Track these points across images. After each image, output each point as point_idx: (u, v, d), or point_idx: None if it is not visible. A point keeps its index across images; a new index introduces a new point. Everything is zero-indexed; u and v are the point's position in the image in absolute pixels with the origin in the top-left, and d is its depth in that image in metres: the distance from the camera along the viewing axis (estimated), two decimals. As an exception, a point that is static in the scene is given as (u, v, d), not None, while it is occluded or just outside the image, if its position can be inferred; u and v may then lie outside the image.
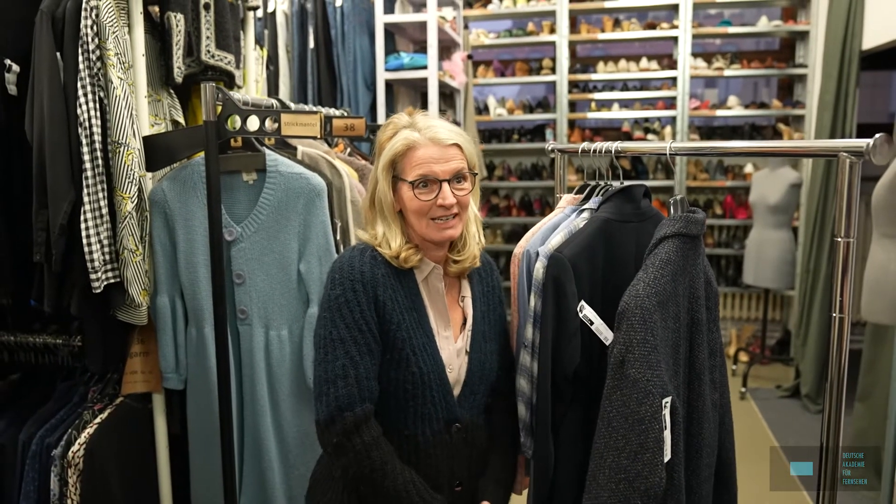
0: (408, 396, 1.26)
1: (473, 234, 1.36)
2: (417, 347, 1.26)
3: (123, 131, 1.50)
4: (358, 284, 1.23)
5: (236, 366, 1.72)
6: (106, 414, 1.67)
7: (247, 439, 1.74)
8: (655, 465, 1.07)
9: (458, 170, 1.26)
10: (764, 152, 1.04)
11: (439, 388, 1.28)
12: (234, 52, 1.95)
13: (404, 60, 3.39)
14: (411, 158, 1.25)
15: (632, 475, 1.07)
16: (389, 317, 1.25)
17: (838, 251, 0.87)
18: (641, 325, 1.10)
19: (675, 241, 1.16)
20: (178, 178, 1.66)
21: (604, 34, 4.98)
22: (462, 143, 1.27)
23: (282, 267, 1.70)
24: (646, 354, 1.09)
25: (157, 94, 1.81)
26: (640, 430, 1.07)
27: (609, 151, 1.42)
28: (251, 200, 1.70)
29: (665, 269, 1.13)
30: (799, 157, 0.95)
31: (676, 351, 1.19)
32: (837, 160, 0.88)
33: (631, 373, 1.09)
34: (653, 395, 1.08)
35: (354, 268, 1.25)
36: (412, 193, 1.25)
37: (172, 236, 1.67)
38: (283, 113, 1.59)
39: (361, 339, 1.22)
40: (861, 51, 3.60)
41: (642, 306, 1.10)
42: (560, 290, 1.26)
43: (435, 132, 1.25)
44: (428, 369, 1.26)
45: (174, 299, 1.70)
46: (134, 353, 1.71)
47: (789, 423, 3.68)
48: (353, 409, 1.20)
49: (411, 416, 1.27)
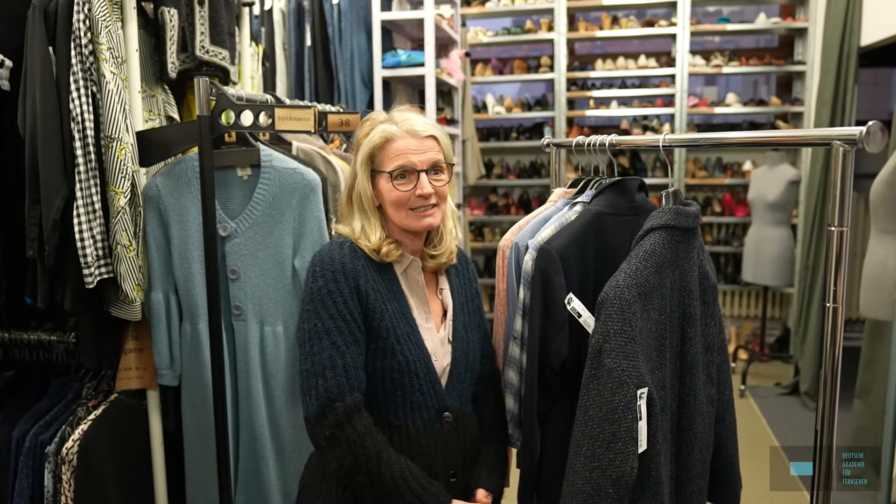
0: (395, 386, 1.26)
1: (450, 230, 1.39)
2: (402, 336, 1.27)
3: (116, 126, 1.49)
4: (339, 275, 1.24)
5: (231, 362, 1.71)
6: (100, 410, 1.66)
7: (242, 435, 1.74)
8: (627, 455, 1.08)
9: (435, 160, 1.28)
10: (758, 142, 1.03)
11: (426, 376, 1.28)
12: (228, 48, 1.94)
13: (401, 58, 3.38)
14: (389, 150, 1.27)
15: (604, 463, 1.09)
16: (373, 306, 1.25)
17: (832, 241, 0.86)
18: (619, 315, 1.11)
19: (662, 233, 1.16)
20: (173, 174, 1.65)
21: (602, 32, 4.98)
22: (438, 135, 1.30)
23: (276, 262, 1.69)
24: (622, 345, 1.10)
25: (152, 89, 1.80)
26: (613, 420, 1.09)
27: (603, 145, 1.42)
28: (246, 196, 1.69)
29: (648, 261, 1.13)
30: (793, 146, 0.95)
31: (661, 343, 1.19)
32: (831, 149, 0.87)
33: (606, 362, 1.10)
34: (627, 386, 1.09)
35: (335, 259, 1.26)
36: (391, 185, 1.27)
37: (166, 232, 1.66)
38: (276, 108, 1.59)
39: (346, 328, 1.23)
40: (860, 47, 3.60)
41: (621, 297, 1.11)
42: (548, 282, 1.26)
43: (412, 125, 1.28)
44: (414, 357, 1.27)
45: (168, 295, 1.69)
46: (128, 350, 1.71)
47: (788, 421, 3.67)
48: (343, 400, 1.20)
49: (401, 405, 1.27)
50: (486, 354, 1.44)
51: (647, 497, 1.11)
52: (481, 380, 1.42)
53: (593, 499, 1.08)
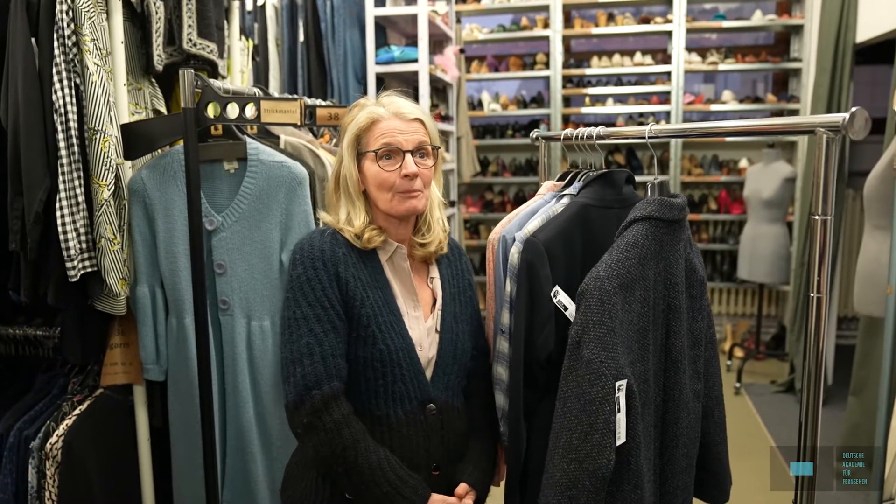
0: (377, 375, 1.25)
1: (438, 219, 1.38)
2: (384, 325, 1.25)
3: (100, 118, 1.48)
4: (318, 262, 1.24)
5: (218, 357, 1.70)
6: (85, 405, 1.65)
7: (229, 431, 1.72)
8: (604, 447, 1.07)
9: (420, 142, 1.28)
10: (743, 132, 1.02)
11: (409, 366, 1.27)
12: (216, 42, 1.92)
13: (395, 54, 3.36)
14: (375, 131, 1.27)
15: (581, 455, 1.07)
16: (353, 293, 1.25)
17: (816, 230, 0.85)
18: (599, 306, 1.09)
19: (646, 225, 1.14)
20: (158, 167, 1.64)
21: (598, 29, 4.96)
22: (425, 119, 1.30)
23: (263, 257, 1.68)
24: (601, 336, 1.09)
25: (138, 82, 1.79)
26: (590, 412, 1.07)
27: (591, 136, 1.40)
28: (232, 189, 1.68)
29: (630, 252, 1.12)
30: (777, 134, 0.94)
31: (644, 336, 1.17)
32: (816, 136, 0.86)
33: (585, 354, 1.09)
34: (605, 377, 1.08)
35: (315, 247, 1.26)
36: (377, 166, 1.26)
37: (152, 225, 1.65)
38: (262, 100, 1.57)
39: (325, 315, 1.22)
40: (855, 44, 3.59)
41: (601, 288, 1.10)
42: (533, 274, 1.25)
43: (398, 107, 1.28)
44: (396, 346, 1.25)
45: (154, 289, 1.67)
46: (114, 344, 1.69)
47: (784, 419, 3.66)
48: (320, 387, 1.19)
49: (382, 395, 1.26)
50: (479, 348, 1.42)
51: (627, 490, 1.10)
52: (473, 375, 1.40)
53: (571, 491, 1.07)
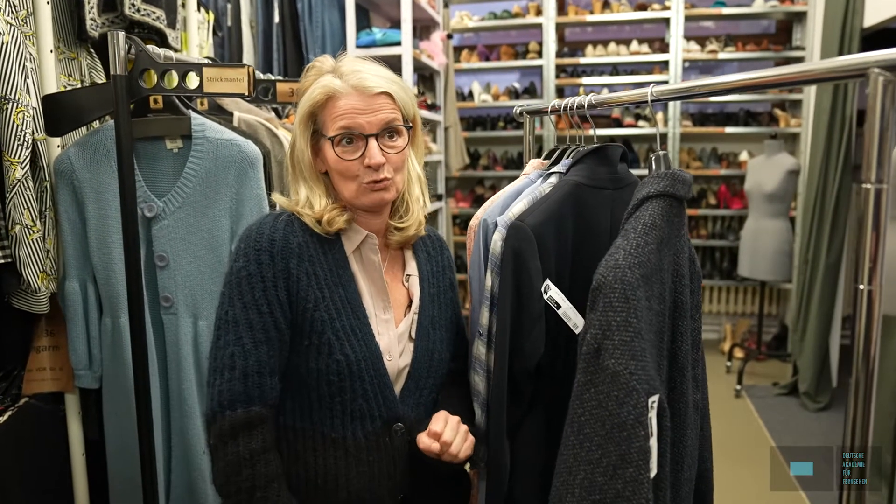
0: (333, 391, 1.04)
1: (417, 198, 1.16)
2: (342, 330, 1.04)
3: (12, 85, 1.27)
4: (265, 255, 1.03)
5: (160, 361, 1.50)
6: (6, 417, 1.44)
7: (174, 443, 1.53)
8: (641, 484, 0.81)
9: (387, 121, 1.05)
10: (763, 83, 0.82)
11: (373, 379, 1.06)
12: (164, 8, 1.72)
13: (376, 36, 3.17)
14: (332, 110, 1.05)
15: (609, 496, 0.82)
16: (304, 294, 1.04)
17: (866, 202, 0.66)
18: (623, 303, 0.84)
19: (661, 203, 0.92)
20: (89, 145, 1.44)
21: (593, 16, 4.77)
22: (394, 90, 1.06)
23: (211, 248, 1.48)
24: (628, 341, 0.84)
25: (72, 51, 1.59)
26: (620, 439, 0.82)
27: (582, 106, 1.21)
28: (176, 171, 1.48)
29: (649, 236, 0.89)
30: (808, 83, 0.83)
31: (661, 339, 0.96)
32: (868, 80, 0.67)
33: (609, 364, 0.83)
34: (637, 393, 0.82)
35: (263, 235, 1.05)
36: (334, 152, 1.05)
37: (82, 212, 1.44)
38: (205, 67, 1.37)
39: (259, 322, 1.01)
40: (862, 28, 3.40)
41: (623, 279, 0.85)
42: (521, 265, 1.05)
43: (360, 78, 1.04)
44: (357, 357, 1.04)
45: (86, 285, 1.47)
46: (41, 348, 1.49)
47: (787, 422, 3.49)
48: (234, 409, 0.99)
49: (339, 414, 1.05)
50: (458, 357, 1.22)
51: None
52: (446, 381, 1.18)
53: None
